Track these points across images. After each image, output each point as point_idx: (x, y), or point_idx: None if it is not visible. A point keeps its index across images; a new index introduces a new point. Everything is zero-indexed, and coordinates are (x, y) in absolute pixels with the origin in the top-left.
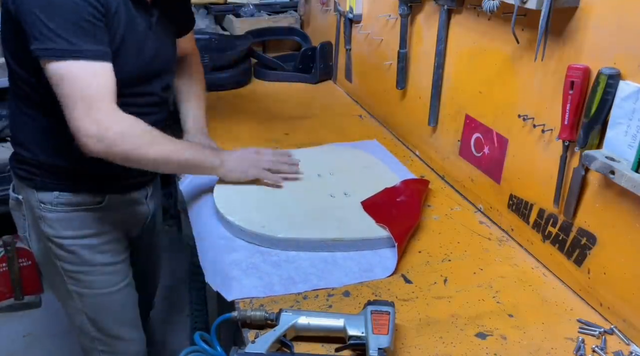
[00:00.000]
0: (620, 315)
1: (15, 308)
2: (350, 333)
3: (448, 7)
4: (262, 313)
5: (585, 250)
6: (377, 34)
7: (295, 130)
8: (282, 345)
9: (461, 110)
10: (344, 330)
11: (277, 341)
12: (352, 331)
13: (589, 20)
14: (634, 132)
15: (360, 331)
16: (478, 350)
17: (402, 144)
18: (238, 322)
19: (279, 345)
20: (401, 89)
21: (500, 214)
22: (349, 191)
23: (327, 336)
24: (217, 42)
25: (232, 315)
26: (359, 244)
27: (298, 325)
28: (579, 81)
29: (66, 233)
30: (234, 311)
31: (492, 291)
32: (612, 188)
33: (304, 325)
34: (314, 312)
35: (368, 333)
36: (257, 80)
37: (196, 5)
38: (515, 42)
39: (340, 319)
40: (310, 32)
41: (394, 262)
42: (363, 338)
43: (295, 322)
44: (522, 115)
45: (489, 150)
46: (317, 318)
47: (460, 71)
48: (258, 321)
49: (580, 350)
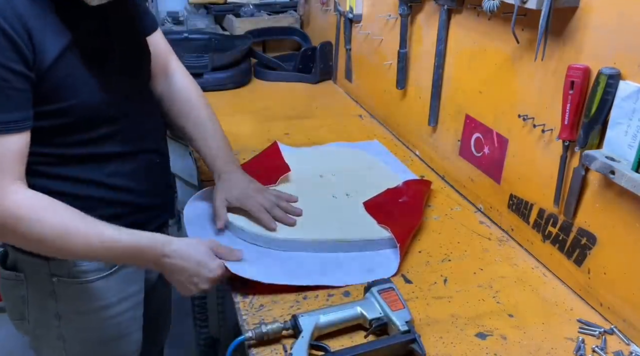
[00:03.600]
0: (620, 315)
1: None
2: (370, 318)
3: (448, 7)
4: (277, 324)
5: (585, 250)
6: (377, 34)
7: (295, 130)
8: (313, 349)
9: (461, 110)
10: (362, 316)
11: (310, 347)
12: (372, 315)
13: (589, 20)
14: (634, 132)
15: (379, 313)
16: (478, 350)
17: (402, 144)
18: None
19: (311, 350)
20: (401, 89)
21: (500, 214)
22: (351, 192)
23: (344, 328)
24: (217, 42)
25: (245, 336)
26: (360, 245)
27: (320, 324)
28: (579, 81)
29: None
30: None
31: (492, 291)
32: (612, 188)
33: (326, 322)
34: (328, 308)
35: (387, 312)
36: (257, 80)
37: (196, 5)
38: (515, 42)
39: (355, 307)
40: (310, 32)
41: (396, 262)
42: (383, 318)
43: (317, 323)
44: (522, 115)
45: (489, 150)
46: (334, 312)
47: (460, 71)
48: (275, 334)
49: (580, 350)
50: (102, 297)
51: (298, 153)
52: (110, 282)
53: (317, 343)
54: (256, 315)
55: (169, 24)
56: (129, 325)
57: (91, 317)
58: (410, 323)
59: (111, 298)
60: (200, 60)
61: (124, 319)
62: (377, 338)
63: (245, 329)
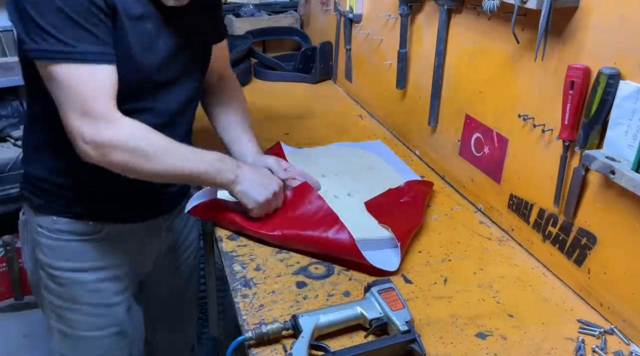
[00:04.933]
0: (620, 315)
1: (15, 308)
2: (370, 318)
3: (448, 7)
4: (277, 324)
5: (585, 250)
6: (377, 34)
7: (295, 130)
8: (313, 349)
9: (461, 110)
10: (362, 316)
11: (310, 347)
12: (372, 315)
13: (589, 20)
14: (634, 132)
15: (379, 313)
16: (478, 350)
17: (402, 144)
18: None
19: (311, 350)
20: (401, 89)
21: (501, 214)
22: (353, 192)
23: (345, 328)
24: None
25: (245, 336)
26: (361, 244)
27: (320, 324)
28: (579, 81)
29: (58, 264)
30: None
31: (492, 291)
32: (612, 188)
33: (326, 323)
34: (327, 308)
35: (387, 312)
36: (257, 80)
37: None
38: (516, 42)
39: (355, 307)
40: (310, 32)
41: (397, 261)
42: (383, 318)
43: (317, 323)
44: (522, 115)
45: (489, 150)
46: (334, 312)
47: (460, 71)
48: (275, 335)
49: (580, 350)
50: (74, 259)
51: (301, 154)
52: (83, 247)
53: (317, 343)
54: (256, 315)
55: None
56: (106, 296)
57: (64, 275)
58: (410, 323)
59: (83, 263)
60: None
61: (101, 287)
62: (377, 338)
63: (245, 329)
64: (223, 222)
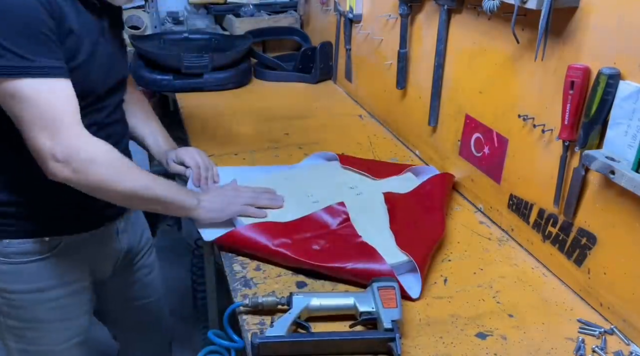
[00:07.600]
0: (620, 315)
1: None
2: (361, 310)
3: (448, 7)
4: (273, 298)
5: (585, 250)
6: (377, 34)
7: (295, 130)
8: (297, 327)
9: (461, 110)
10: (355, 308)
11: (293, 324)
12: (363, 307)
13: (589, 20)
14: (634, 132)
15: (371, 307)
16: (478, 350)
17: (402, 144)
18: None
19: (295, 327)
20: (401, 89)
21: (500, 214)
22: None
23: (337, 315)
24: (217, 42)
25: (242, 303)
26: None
27: (311, 306)
28: (579, 81)
29: (15, 287)
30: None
31: (492, 291)
32: (612, 188)
33: (317, 306)
34: (324, 293)
35: (378, 308)
36: (257, 80)
37: (196, 5)
38: (516, 42)
39: (350, 298)
40: (310, 32)
41: (418, 289)
42: (374, 313)
43: (308, 304)
44: (522, 115)
45: (489, 150)
46: (328, 298)
47: (460, 71)
48: (269, 307)
49: (580, 350)
50: (33, 280)
51: (286, 174)
52: (40, 267)
53: (301, 322)
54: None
55: (169, 24)
56: (70, 311)
57: (23, 297)
58: (396, 322)
59: (43, 282)
60: (200, 60)
61: (64, 303)
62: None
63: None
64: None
